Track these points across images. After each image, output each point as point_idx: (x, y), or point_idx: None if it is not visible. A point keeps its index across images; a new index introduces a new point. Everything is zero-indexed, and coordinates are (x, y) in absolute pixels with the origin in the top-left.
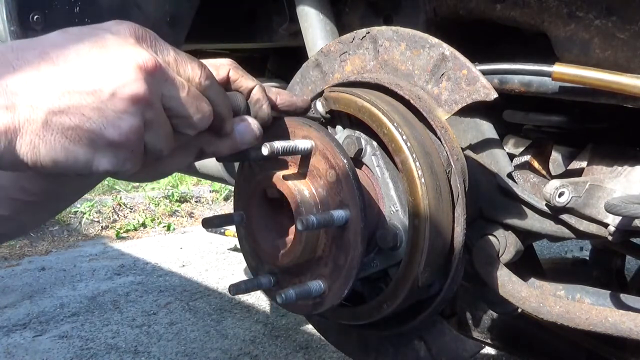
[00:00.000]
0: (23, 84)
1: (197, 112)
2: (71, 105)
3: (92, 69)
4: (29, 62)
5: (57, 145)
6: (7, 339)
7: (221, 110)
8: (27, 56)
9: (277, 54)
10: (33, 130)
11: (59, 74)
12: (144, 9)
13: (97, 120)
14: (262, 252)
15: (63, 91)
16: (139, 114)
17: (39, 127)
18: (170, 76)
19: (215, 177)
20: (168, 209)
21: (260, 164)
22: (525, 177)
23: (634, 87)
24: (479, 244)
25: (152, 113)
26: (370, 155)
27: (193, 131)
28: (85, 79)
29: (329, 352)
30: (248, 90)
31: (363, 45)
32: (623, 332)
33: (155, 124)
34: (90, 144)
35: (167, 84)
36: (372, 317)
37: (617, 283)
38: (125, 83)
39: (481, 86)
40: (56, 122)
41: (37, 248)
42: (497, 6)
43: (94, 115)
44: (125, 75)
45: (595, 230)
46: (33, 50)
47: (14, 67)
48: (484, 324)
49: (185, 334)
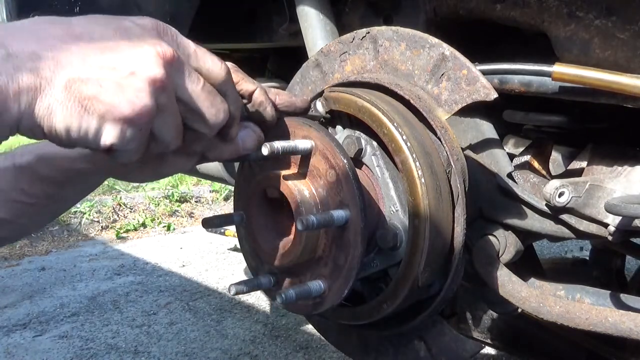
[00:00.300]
0: (47, 51)
1: (211, 107)
2: (91, 76)
3: (115, 48)
4: (55, 34)
5: (72, 112)
6: (7, 339)
7: (234, 110)
8: (54, 29)
9: (277, 54)
10: (53, 94)
11: (83, 47)
12: (144, 9)
13: (114, 93)
14: (262, 252)
15: (85, 62)
16: (153, 96)
17: (59, 92)
18: (186, 69)
19: (215, 177)
20: (168, 209)
21: (260, 164)
22: (525, 177)
23: (634, 87)
24: (479, 244)
25: (166, 99)
26: (370, 155)
27: (206, 129)
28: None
29: (329, 352)
30: (249, 93)
31: (363, 45)
32: (623, 332)
33: (166, 111)
34: (103, 115)
35: (183, 75)
36: (372, 317)
37: (617, 283)
38: (145, 65)
39: (481, 86)
40: (75, 89)
41: (37, 248)
42: (497, 6)
43: (112, 88)
44: (145, 59)
45: (595, 230)
46: (60, 24)
47: (40, 36)
48: (484, 324)
49: (185, 334)
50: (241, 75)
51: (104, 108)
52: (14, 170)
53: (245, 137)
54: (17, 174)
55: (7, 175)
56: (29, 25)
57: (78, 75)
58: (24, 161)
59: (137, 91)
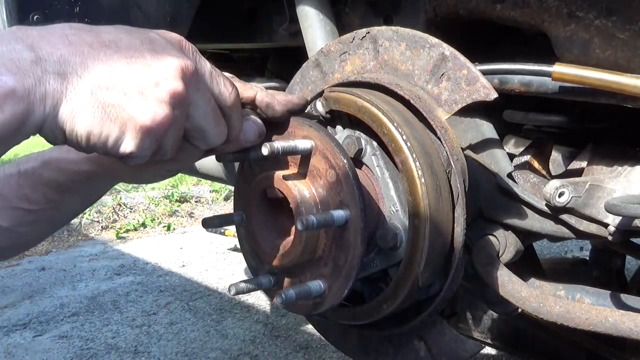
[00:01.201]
0: (76, 56)
1: (215, 128)
2: (117, 84)
3: (141, 58)
4: (85, 40)
5: (95, 118)
6: (7, 339)
7: (234, 133)
8: (84, 35)
9: (277, 54)
10: (77, 98)
11: (110, 55)
12: (144, 9)
13: (137, 102)
14: (262, 252)
15: (111, 70)
16: (172, 108)
17: (84, 97)
18: (202, 87)
19: (215, 177)
20: (168, 209)
21: (260, 164)
22: (525, 177)
23: (634, 87)
24: (479, 244)
25: (180, 113)
26: (370, 155)
27: (204, 146)
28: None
29: (329, 352)
30: (251, 100)
31: (363, 45)
32: (623, 332)
33: (176, 124)
34: (125, 122)
35: (198, 92)
36: (372, 317)
37: (617, 283)
38: (168, 78)
39: (481, 86)
40: (100, 96)
41: (37, 248)
42: (497, 6)
43: (136, 98)
44: (169, 72)
45: (595, 230)
46: (89, 32)
47: (70, 42)
48: (484, 324)
49: (185, 334)
50: (240, 85)
51: (127, 116)
52: (18, 176)
53: (246, 130)
54: (20, 179)
55: (11, 182)
56: (60, 30)
57: (104, 82)
58: (29, 167)
59: (159, 102)
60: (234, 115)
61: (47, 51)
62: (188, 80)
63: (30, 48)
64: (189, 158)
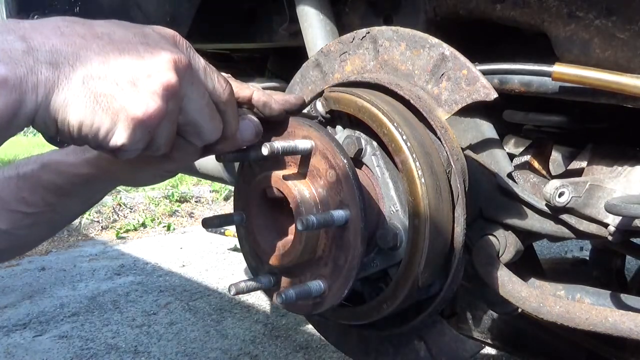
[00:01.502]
0: (68, 47)
1: (209, 123)
2: (109, 74)
3: (133, 50)
4: (76, 31)
5: (87, 108)
6: (7, 339)
7: (230, 129)
8: (76, 27)
9: (277, 54)
10: (70, 88)
11: (103, 47)
12: (144, 9)
13: (129, 93)
14: (262, 252)
15: (104, 60)
16: (165, 101)
17: (76, 86)
18: (196, 81)
19: (215, 177)
20: (168, 209)
21: (260, 164)
22: (525, 177)
23: (634, 87)
24: (479, 244)
25: (174, 105)
26: (370, 155)
27: (199, 142)
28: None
29: (329, 352)
30: (247, 99)
31: (363, 45)
32: (623, 332)
33: (169, 117)
34: (116, 113)
35: (192, 87)
36: (372, 317)
37: (617, 283)
38: (161, 70)
39: (481, 86)
40: (92, 85)
41: (37, 248)
42: (497, 6)
43: (128, 88)
44: (161, 63)
45: (595, 230)
46: (82, 24)
47: (63, 32)
48: (484, 324)
49: (185, 334)
50: (237, 84)
51: (119, 106)
52: (17, 178)
53: (244, 129)
54: (19, 182)
55: (9, 185)
56: (53, 23)
57: (96, 72)
58: (28, 169)
59: (152, 94)
60: (229, 111)
61: (39, 41)
62: (182, 74)
63: (22, 39)
64: (186, 156)
